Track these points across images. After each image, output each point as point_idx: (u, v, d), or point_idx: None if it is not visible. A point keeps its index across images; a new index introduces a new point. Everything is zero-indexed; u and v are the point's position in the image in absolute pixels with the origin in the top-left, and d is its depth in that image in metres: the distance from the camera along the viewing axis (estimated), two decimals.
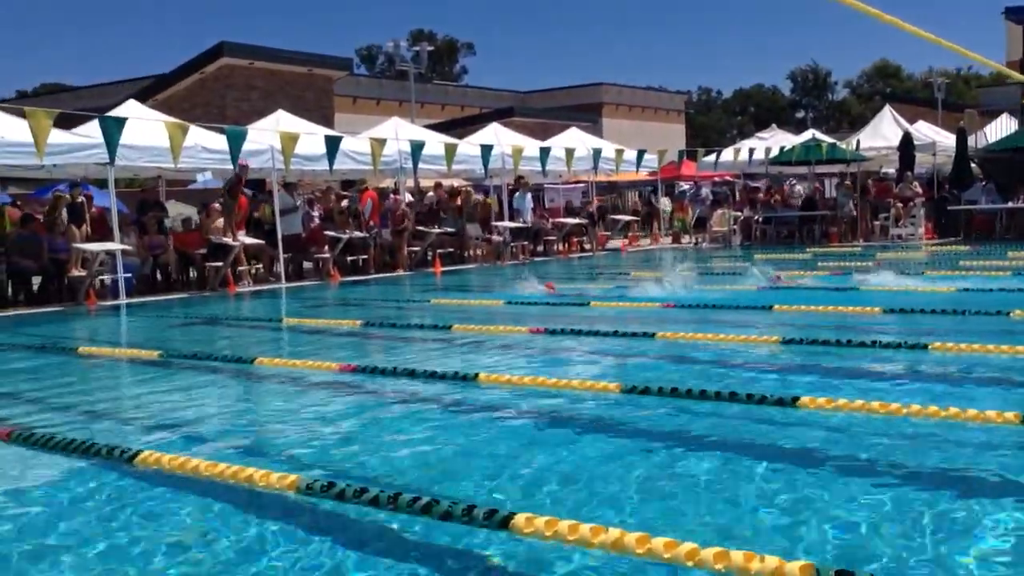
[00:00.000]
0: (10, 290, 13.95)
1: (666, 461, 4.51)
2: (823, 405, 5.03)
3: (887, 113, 26.82)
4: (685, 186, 30.67)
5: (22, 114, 12.85)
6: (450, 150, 18.87)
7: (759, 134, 30.37)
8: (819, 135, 27.81)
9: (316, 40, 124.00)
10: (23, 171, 15.37)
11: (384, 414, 5.86)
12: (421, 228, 19.10)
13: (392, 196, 19.87)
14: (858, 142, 25.08)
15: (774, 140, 27.24)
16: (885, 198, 23.58)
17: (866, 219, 23.53)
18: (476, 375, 6.36)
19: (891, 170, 26.18)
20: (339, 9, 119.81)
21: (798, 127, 49.37)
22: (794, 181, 28.01)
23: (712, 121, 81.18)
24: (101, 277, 14.36)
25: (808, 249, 19.89)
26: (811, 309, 9.26)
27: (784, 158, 25.11)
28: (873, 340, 7.12)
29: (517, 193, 21.43)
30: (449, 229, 19.66)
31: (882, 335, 7.55)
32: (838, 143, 25.69)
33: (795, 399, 5.10)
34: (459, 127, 32.35)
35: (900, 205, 22.78)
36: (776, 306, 9.43)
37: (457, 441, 5.08)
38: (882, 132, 25.70)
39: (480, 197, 22.38)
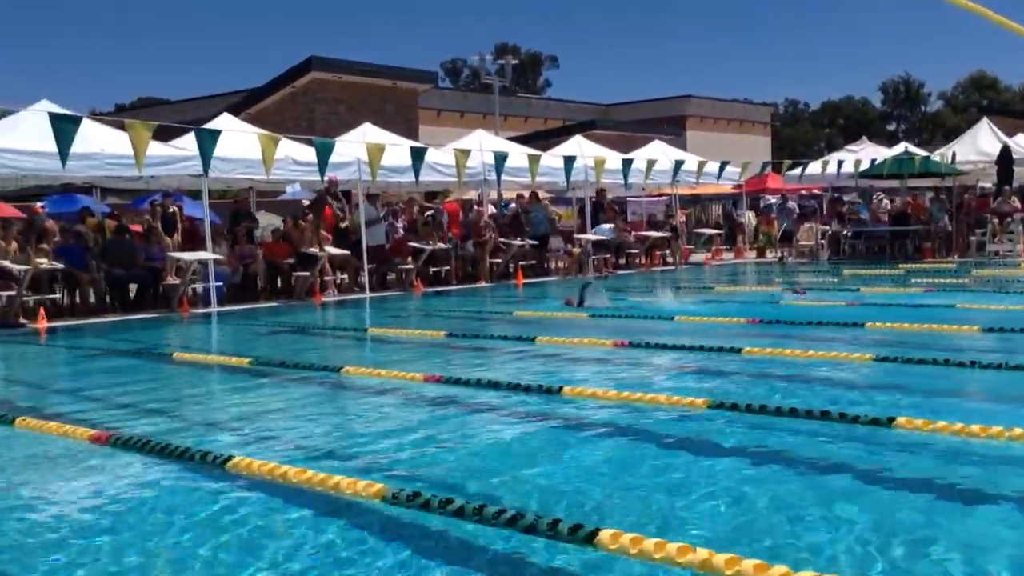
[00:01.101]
0: (107, 297, 14.46)
1: (755, 480, 4.41)
2: (920, 427, 4.86)
3: (984, 125, 25.92)
4: (771, 199, 30.16)
5: (121, 127, 13.31)
6: (534, 161, 18.89)
7: (849, 146, 29.69)
8: (912, 148, 27.04)
9: (402, 54, 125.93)
10: (122, 182, 15.91)
11: (469, 425, 5.88)
12: (503, 240, 19.17)
13: (475, 208, 20.00)
14: (953, 154, 24.30)
15: (864, 153, 26.57)
16: (982, 213, 22.81)
17: (962, 235, 22.79)
18: (560, 388, 6.33)
19: (988, 184, 25.30)
20: (424, 23, 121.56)
21: (889, 140, 48.19)
22: (881, 195, 27.27)
23: (799, 133, 79.74)
24: (194, 285, 14.77)
25: (900, 265, 19.34)
26: (905, 327, 8.99)
27: (875, 171, 24.46)
28: (972, 360, 6.86)
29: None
30: (531, 242, 19.68)
31: (981, 355, 7.28)
32: (932, 156, 24.95)
33: (891, 420, 4.93)
34: (542, 139, 32.40)
35: (997, 220, 22.00)
36: (868, 323, 9.17)
37: (542, 454, 5.06)
38: (978, 145, 24.83)
39: (557, 210, 22.38)
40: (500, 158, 18.10)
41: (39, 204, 15.49)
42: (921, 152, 25.96)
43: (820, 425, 5.18)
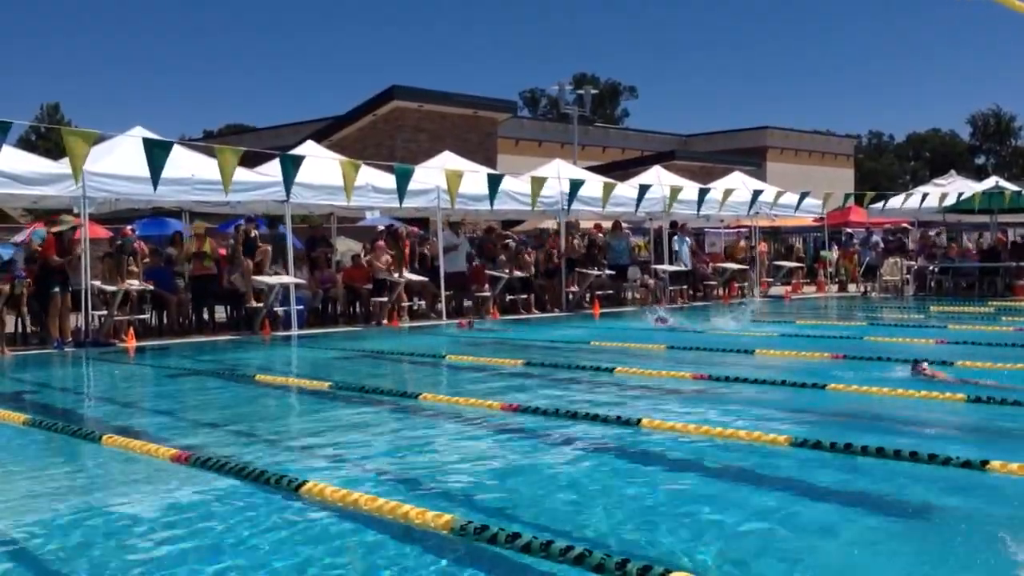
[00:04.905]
0: (193, 318, 14.83)
1: (840, 523, 4.26)
2: (1015, 471, 4.65)
3: None
4: (852, 233, 29.52)
5: (210, 153, 13.67)
6: (607, 189, 18.75)
7: (936, 180, 28.96)
8: (1003, 182, 26.24)
9: (481, 83, 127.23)
10: (209, 207, 16.32)
11: (544, 456, 5.81)
12: (581, 270, 19.11)
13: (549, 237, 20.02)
14: None
15: (952, 187, 25.87)
16: None
17: None
18: (639, 420, 6.23)
19: None
20: (504, 53, 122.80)
21: (978, 173, 46.87)
22: (940, 230, 26.62)
23: (883, 166, 78.08)
24: (276, 308, 15.03)
25: (990, 302, 18.69)
26: (999, 367, 8.65)
27: (964, 206, 23.76)
28: None
29: (676, 236, 21.13)
30: (609, 271, 19.57)
31: None
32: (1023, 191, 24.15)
33: (984, 463, 4.73)
34: (620, 169, 32.34)
35: None
36: (959, 362, 8.86)
37: (616, 489, 4.97)
38: None
39: (637, 240, 22.25)
40: (575, 185, 18.04)
41: (129, 227, 15.95)
42: (1012, 187, 25.17)
43: (909, 466, 4.99)
